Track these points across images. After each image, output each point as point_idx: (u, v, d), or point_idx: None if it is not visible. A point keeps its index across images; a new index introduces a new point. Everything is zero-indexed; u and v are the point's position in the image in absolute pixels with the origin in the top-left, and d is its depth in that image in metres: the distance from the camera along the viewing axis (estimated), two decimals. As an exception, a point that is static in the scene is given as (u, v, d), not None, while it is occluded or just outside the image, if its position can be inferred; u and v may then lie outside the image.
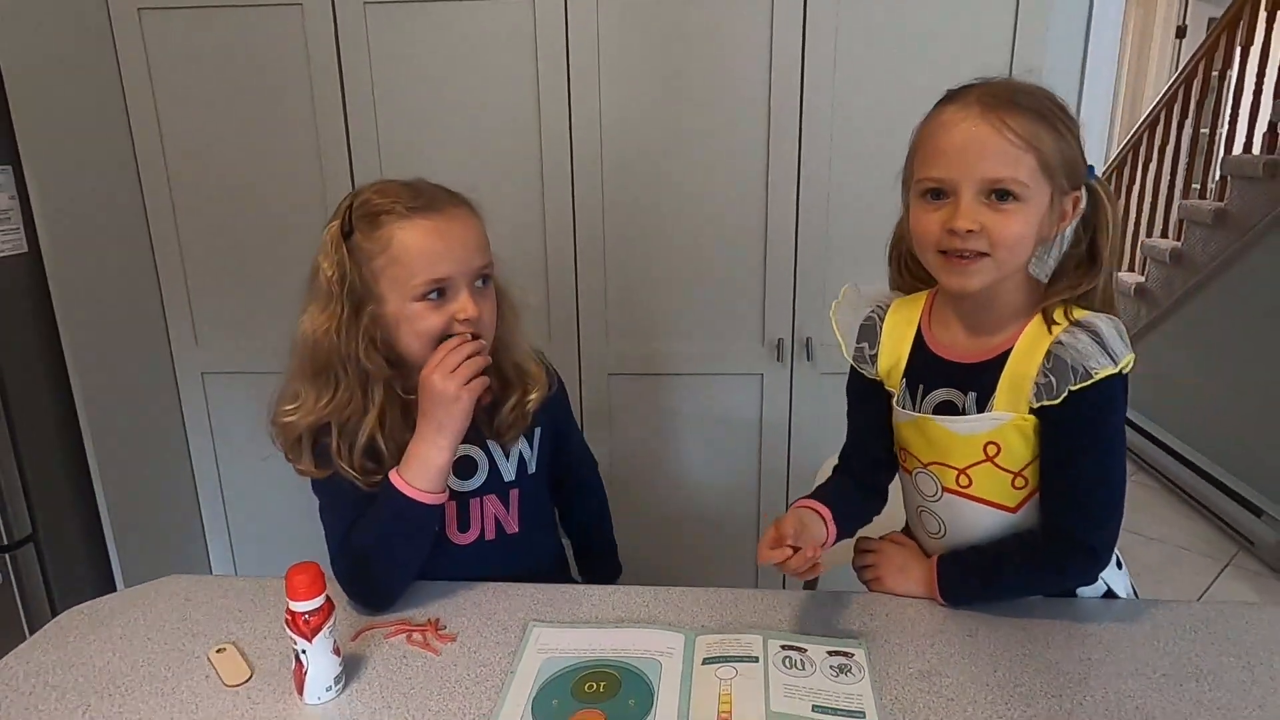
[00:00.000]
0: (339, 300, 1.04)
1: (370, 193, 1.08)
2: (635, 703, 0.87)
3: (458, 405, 1.03)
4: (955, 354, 1.04)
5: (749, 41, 1.79)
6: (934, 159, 0.95)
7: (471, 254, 1.07)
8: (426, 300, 1.05)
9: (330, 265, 1.05)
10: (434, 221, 1.05)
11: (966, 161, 0.93)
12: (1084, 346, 0.94)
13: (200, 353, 2.07)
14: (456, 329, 1.06)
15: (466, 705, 0.88)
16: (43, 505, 1.73)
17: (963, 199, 0.93)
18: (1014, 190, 0.92)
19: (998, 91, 0.93)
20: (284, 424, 1.08)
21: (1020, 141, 0.91)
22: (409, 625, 1.01)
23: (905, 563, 1.11)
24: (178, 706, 0.88)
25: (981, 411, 1.00)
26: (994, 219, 0.92)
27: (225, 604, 1.07)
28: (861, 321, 1.12)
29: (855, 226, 1.88)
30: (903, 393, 1.08)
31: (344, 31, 1.82)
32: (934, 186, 0.95)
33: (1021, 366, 0.98)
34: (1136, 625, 0.97)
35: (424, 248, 1.04)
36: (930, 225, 0.96)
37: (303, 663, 0.87)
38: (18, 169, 1.65)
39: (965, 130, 0.93)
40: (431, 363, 1.04)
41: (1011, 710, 0.86)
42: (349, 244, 1.05)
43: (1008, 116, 0.91)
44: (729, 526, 2.10)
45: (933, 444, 1.05)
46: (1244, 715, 0.85)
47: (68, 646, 0.99)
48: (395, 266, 1.04)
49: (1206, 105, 3.80)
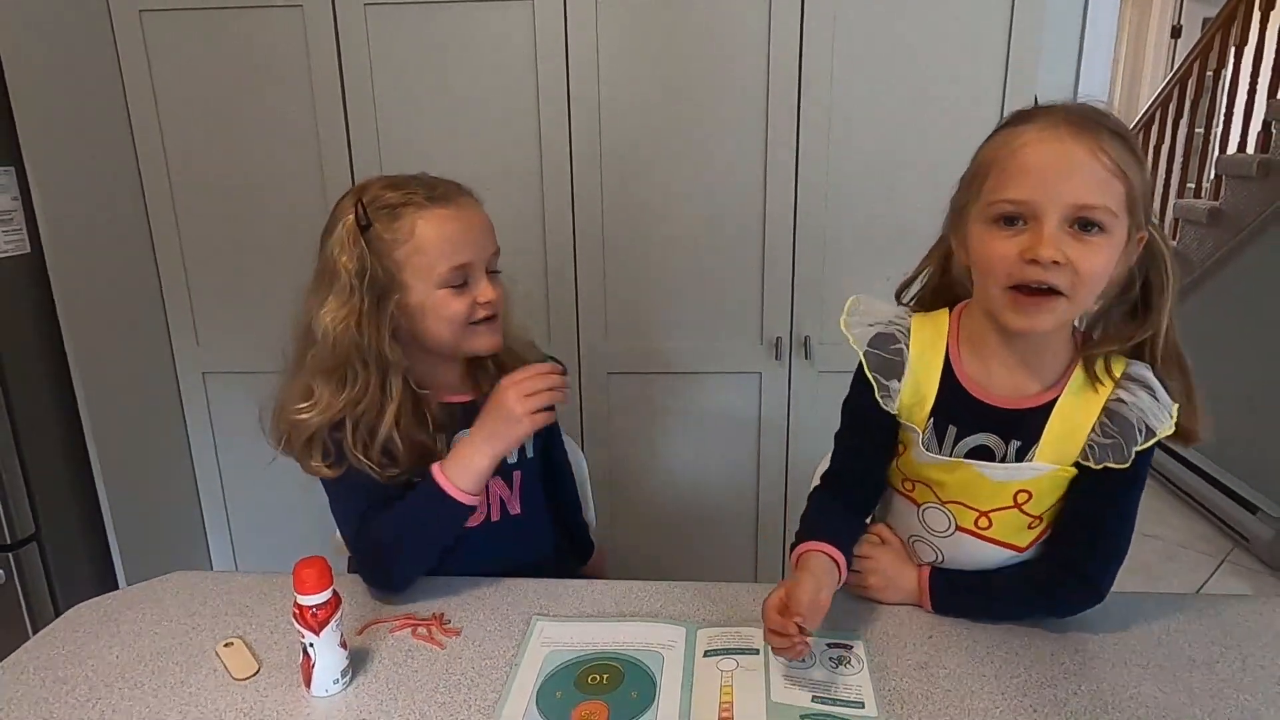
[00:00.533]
0: (359, 293, 1.05)
1: (380, 187, 1.09)
2: (638, 694, 0.88)
3: (519, 426, 1.07)
4: (993, 396, 0.97)
5: (747, 42, 1.80)
6: (1014, 179, 0.86)
7: (486, 240, 1.12)
8: (450, 287, 1.08)
9: (350, 259, 1.05)
10: (451, 211, 1.08)
11: (1054, 183, 0.84)
12: (1145, 403, 0.91)
13: (201, 352, 2.08)
14: (479, 313, 1.10)
15: (471, 697, 0.89)
16: (45, 504, 1.73)
17: (1046, 225, 0.84)
18: (1101, 220, 0.84)
19: (1086, 113, 0.86)
20: (296, 422, 1.08)
21: (1113, 166, 0.83)
22: (414, 620, 1.03)
23: (892, 572, 1.06)
24: (187, 699, 0.89)
25: (1021, 460, 0.95)
26: (1079, 251, 0.84)
27: (231, 599, 1.08)
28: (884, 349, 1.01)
29: (853, 226, 1.90)
30: (929, 434, 1.00)
31: (344, 33, 1.83)
32: (1012, 211, 0.86)
33: (1071, 420, 0.93)
34: (1131, 617, 0.98)
35: (446, 236, 1.07)
36: (1004, 254, 0.86)
37: (310, 656, 0.88)
38: (20, 170, 1.66)
39: (1054, 150, 0.84)
40: (515, 377, 1.08)
41: (1008, 700, 0.87)
42: (367, 237, 1.06)
43: (1101, 139, 0.84)
44: (728, 524, 2.12)
45: (958, 485, 0.99)
46: (1237, 704, 0.87)
47: (77, 641, 1.00)
48: (419, 255, 1.06)
49: (1201, 105, 3.82)
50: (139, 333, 2.00)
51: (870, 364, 1.00)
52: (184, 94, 1.90)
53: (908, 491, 1.05)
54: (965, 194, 0.94)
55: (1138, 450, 0.91)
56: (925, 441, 0.99)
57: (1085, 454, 0.93)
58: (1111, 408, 0.92)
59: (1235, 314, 3.18)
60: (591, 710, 0.86)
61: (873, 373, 1.00)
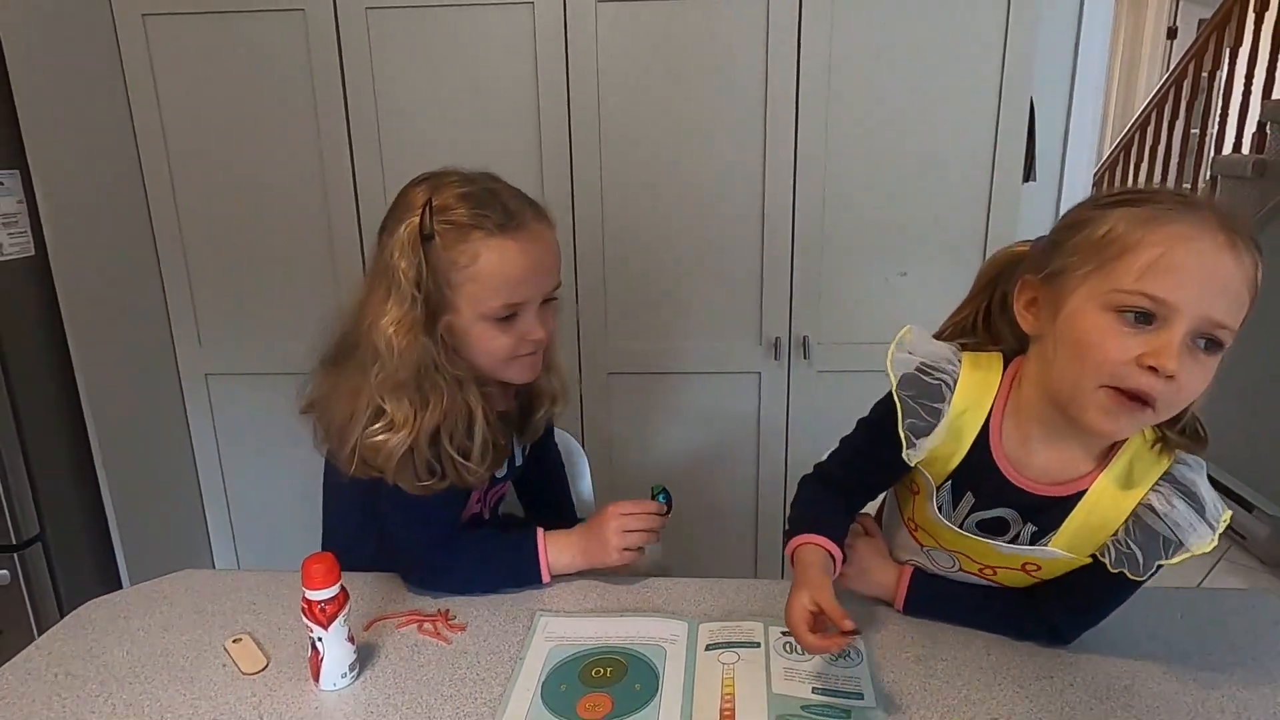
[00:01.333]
0: (419, 303, 1.01)
1: (455, 196, 1.03)
2: (641, 687, 0.89)
3: (606, 557, 1.09)
4: (1024, 479, 0.90)
5: (745, 43, 1.82)
6: (1163, 275, 0.75)
7: (549, 277, 1.07)
8: (499, 320, 1.04)
9: (409, 266, 1.00)
10: (521, 243, 1.02)
11: (1201, 293, 0.75)
12: (1179, 515, 0.84)
13: (204, 355, 2.09)
14: (522, 349, 1.06)
15: (477, 691, 0.90)
16: (50, 506, 1.74)
17: (1176, 334, 0.75)
18: (1224, 341, 0.77)
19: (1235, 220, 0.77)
20: (375, 445, 1.01)
21: (1254, 287, 0.77)
22: (420, 615, 1.04)
23: (870, 563, 1.05)
24: (197, 694, 0.91)
25: (1035, 544, 0.91)
26: (1191, 368, 0.76)
27: (239, 596, 1.09)
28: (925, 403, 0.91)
29: (851, 226, 1.92)
30: (946, 494, 0.95)
31: (346, 36, 1.85)
32: (1148, 309, 0.76)
33: (1096, 517, 0.88)
34: (1125, 610, 0.99)
35: (508, 272, 1.02)
36: (1120, 352, 0.77)
37: (319, 650, 0.90)
38: (25, 173, 1.67)
39: (1212, 258, 0.75)
40: (624, 509, 1.10)
41: (1004, 691, 0.89)
42: (427, 248, 1.01)
43: (1247, 252, 0.76)
44: (728, 523, 2.13)
45: (965, 545, 0.96)
46: (1229, 695, 0.88)
47: (87, 638, 1.01)
48: (474, 284, 1.02)
49: (1197, 106, 3.84)
50: (142, 334, 2.01)
51: (905, 415, 0.91)
52: (187, 97, 1.91)
53: (912, 530, 1.02)
54: (1075, 260, 0.81)
55: (1162, 565, 0.85)
56: (939, 502, 0.95)
57: (1104, 553, 0.88)
58: (1140, 514, 0.86)
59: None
60: (596, 702, 0.87)
61: (905, 431, 0.91)
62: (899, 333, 0.96)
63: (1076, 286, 0.81)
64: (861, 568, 1.05)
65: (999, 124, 1.85)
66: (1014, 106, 1.84)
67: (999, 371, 0.93)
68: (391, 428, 1.01)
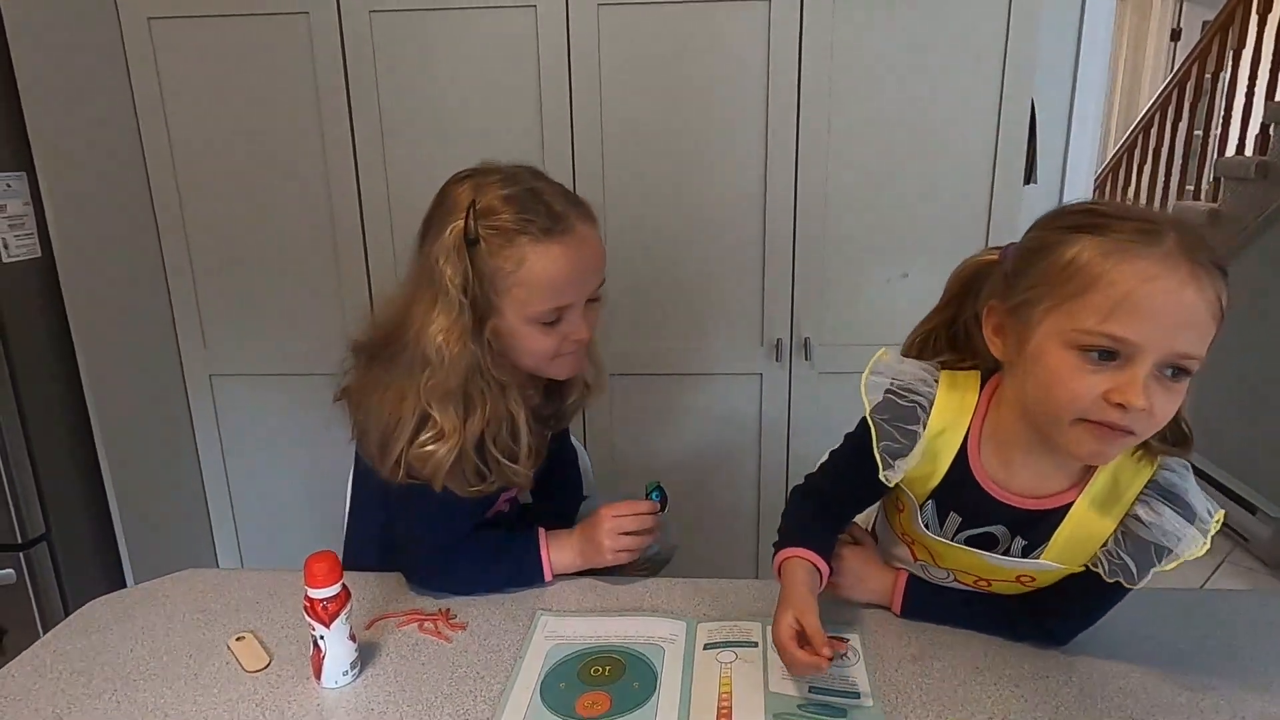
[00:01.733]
0: (466, 309, 1.01)
1: (498, 199, 1.02)
2: (639, 685, 0.90)
3: (600, 559, 1.11)
4: (1008, 494, 0.91)
5: (747, 45, 1.83)
6: (1125, 316, 0.75)
7: (595, 276, 1.07)
8: (544, 324, 1.04)
9: (455, 272, 1.00)
10: (566, 246, 1.02)
11: (1166, 332, 0.75)
12: (1167, 522, 0.84)
13: (208, 355, 2.11)
14: (567, 347, 1.06)
15: (477, 689, 0.91)
16: (55, 505, 1.76)
17: (1141, 370, 0.76)
18: (1191, 369, 0.77)
19: (1201, 248, 0.76)
20: (423, 455, 1.01)
21: (1219, 313, 0.77)
22: (421, 614, 1.05)
23: (863, 571, 1.06)
24: (200, 691, 0.92)
25: (1026, 556, 0.92)
26: (1161, 399, 0.77)
27: (242, 595, 1.10)
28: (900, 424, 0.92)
29: (852, 227, 1.92)
30: (930, 513, 0.96)
31: (349, 39, 1.86)
32: (1111, 348, 0.76)
33: (1085, 528, 0.88)
34: (1122, 611, 0.99)
35: (554, 276, 1.01)
36: (1088, 390, 0.77)
37: (320, 648, 0.91)
38: (31, 176, 1.68)
39: (1175, 297, 0.75)
40: (616, 512, 1.11)
41: (1000, 690, 0.90)
42: (472, 253, 1.01)
43: (1215, 282, 0.76)
44: (729, 524, 2.14)
45: (956, 558, 0.96)
46: (1225, 695, 0.89)
47: (92, 636, 1.02)
48: (520, 289, 1.01)
49: (1200, 107, 3.84)
50: (147, 335, 2.02)
51: (880, 438, 0.92)
52: (191, 100, 1.93)
53: (907, 543, 1.02)
54: (1037, 293, 0.81)
55: (1157, 572, 0.85)
56: (925, 519, 0.96)
57: (1096, 563, 0.88)
58: (1128, 525, 0.87)
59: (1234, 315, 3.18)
60: (595, 700, 0.88)
61: (881, 452, 0.92)
62: (874, 356, 0.96)
63: (1040, 320, 0.81)
64: (856, 576, 1.05)
65: (1000, 126, 1.85)
66: (1015, 108, 1.84)
67: (976, 391, 0.93)
68: (441, 437, 1.01)
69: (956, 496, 0.94)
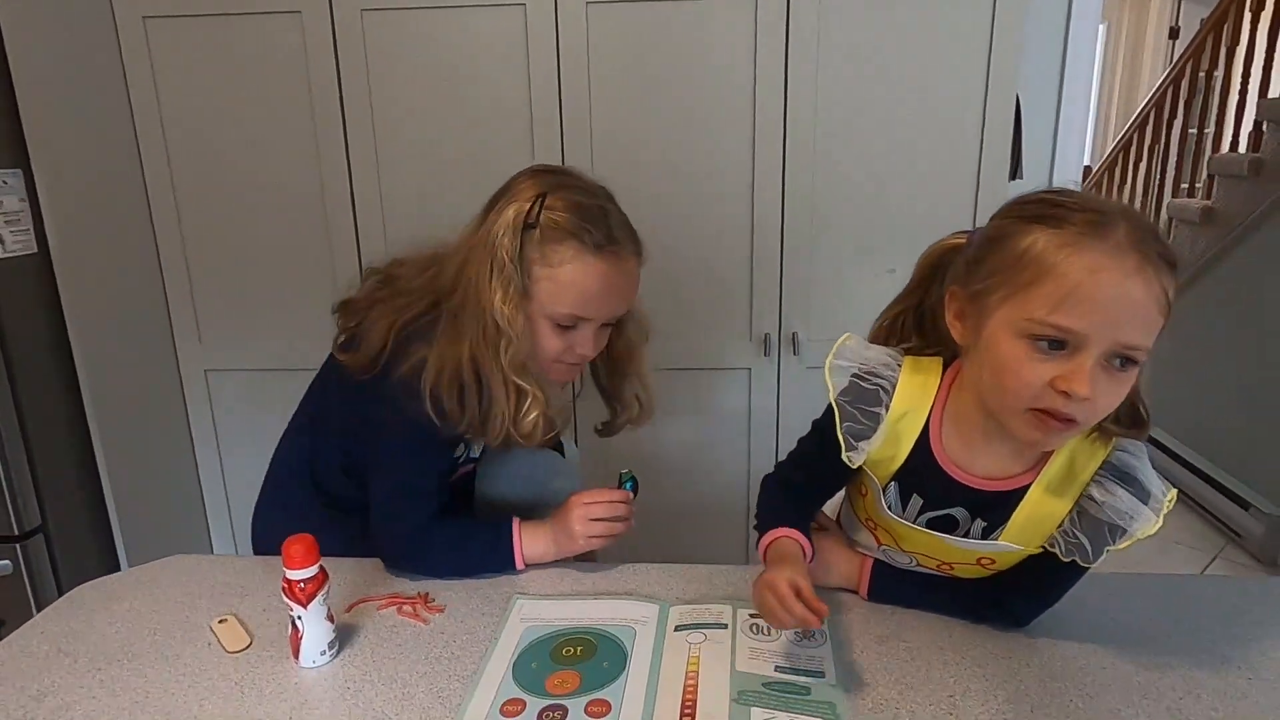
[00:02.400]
0: (519, 283, 1.07)
1: (567, 198, 1.09)
2: (609, 664, 0.92)
3: (574, 545, 1.14)
4: (969, 476, 0.93)
5: (734, 43, 1.85)
6: (1072, 307, 0.77)
7: (618, 304, 1.14)
8: (558, 326, 1.11)
9: (511, 245, 1.07)
10: (607, 266, 1.09)
11: (1111, 323, 0.77)
12: (1121, 503, 0.86)
13: (204, 351, 2.13)
14: (567, 358, 1.13)
15: (452, 669, 0.93)
16: (52, 498, 1.78)
17: (1088, 360, 0.78)
18: (1138, 359, 0.80)
19: (1149, 241, 0.78)
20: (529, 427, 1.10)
21: (1165, 306, 0.78)
22: (400, 598, 1.07)
23: (830, 556, 1.08)
24: (182, 671, 0.94)
25: (986, 538, 0.94)
26: (1107, 386, 0.79)
27: (226, 580, 1.13)
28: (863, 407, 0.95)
29: (839, 224, 1.94)
30: (893, 495, 0.98)
31: (341, 37, 1.88)
32: (1058, 338, 0.79)
33: (1041, 509, 0.90)
34: (1086, 594, 1.01)
35: (585, 288, 1.08)
36: (1034, 378, 0.80)
37: (298, 628, 0.93)
38: (27, 172, 1.71)
39: (1120, 288, 0.77)
40: (587, 499, 1.14)
41: (962, 670, 0.91)
42: (525, 235, 1.07)
43: (1162, 276, 0.78)
44: (719, 517, 2.16)
45: (919, 541, 0.98)
46: (1182, 674, 0.91)
47: (78, 619, 1.05)
48: (552, 284, 1.08)
49: (1195, 105, 3.85)
50: (143, 331, 2.05)
51: (843, 419, 0.95)
52: (187, 97, 1.95)
53: (870, 529, 1.05)
54: (994, 282, 0.83)
55: (1111, 550, 0.87)
56: (888, 501, 0.98)
57: (1053, 543, 0.90)
58: (1083, 505, 0.88)
59: (1227, 312, 3.21)
60: (564, 679, 0.90)
61: (844, 433, 0.95)
62: (838, 341, 0.99)
63: (995, 309, 0.83)
64: (824, 561, 1.07)
65: (985, 121, 1.87)
66: (1000, 103, 1.86)
67: (939, 375, 0.95)
68: (536, 405, 1.09)
69: (918, 479, 0.96)
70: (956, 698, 0.87)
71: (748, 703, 0.85)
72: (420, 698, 0.89)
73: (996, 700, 0.86)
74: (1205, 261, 3.34)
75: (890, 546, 1.03)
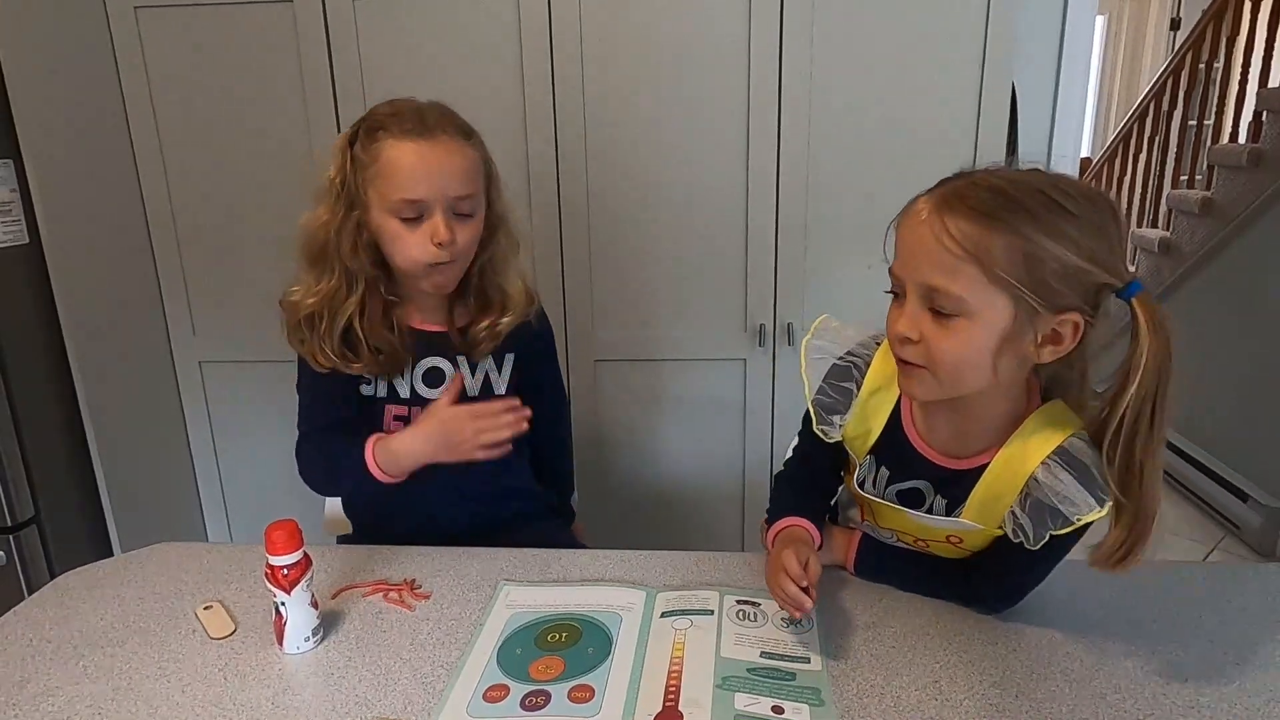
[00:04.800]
0: (339, 200, 1.14)
1: (383, 107, 1.15)
2: (594, 650, 0.92)
3: (461, 451, 1.13)
4: (933, 452, 0.96)
5: (728, 31, 1.84)
6: (896, 253, 0.86)
7: (451, 181, 1.12)
8: (403, 220, 1.12)
9: (335, 168, 1.14)
10: (421, 145, 1.10)
11: (910, 262, 0.84)
12: (1065, 487, 0.85)
13: (198, 342, 2.13)
14: (431, 253, 1.12)
15: (436, 655, 0.93)
16: (45, 489, 1.78)
17: (908, 302, 0.84)
18: (950, 307, 0.81)
19: (960, 186, 0.82)
20: (288, 303, 1.20)
21: (956, 248, 0.79)
22: (386, 585, 1.07)
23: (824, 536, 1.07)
24: (167, 657, 0.94)
25: (949, 515, 0.95)
26: (934, 331, 0.83)
27: (212, 567, 1.13)
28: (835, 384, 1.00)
29: (834, 213, 1.93)
30: (868, 470, 1.01)
31: (333, 26, 1.88)
32: (892, 288, 0.87)
33: (995, 489, 0.91)
34: (1074, 582, 1.01)
35: (405, 167, 1.10)
36: (890, 326, 0.88)
37: (282, 614, 0.92)
38: (18, 162, 1.70)
39: (913, 228, 0.83)
40: (478, 411, 1.13)
41: (947, 656, 0.91)
42: (352, 151, 1.13)
43: (949, 217, 0.80)
44: (714, 507, 2.15)
45: (891, 517, 1.01)
46: (1169, 660, 0.90)
47: (64, 606, 1.05)
48: (380, 180, 1.11)
49: (1194, 96, 3.83)
50: (136, 322, 2.05)
51: (813, 393, 1.00)
52: (178, 88, 1.95)
53: (859, 503, 1.08)
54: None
55: (1054, 534, 0.87)
56: (861, 476, 1.01)
57: (1003, 524, 0.91)
58: (1029, 486, 0.88)
59: (1227, 303, 3.20)
60: (548, 664, 0.90)
61: (816, 408, 1.00)
62: (815, 322, 1.04)
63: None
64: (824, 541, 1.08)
65: (981, 108, 1.86)
66: (995, 91, 1.85)
67: None
68: (298, 291, 1.19)
69: (890, 453, 0.99)
70: (942, 683, 0.87)
71: (732, 688, 0.85)
72: (404, 684, 0.88)
73: (982, 685, 0.86)
74: (1204, 253, 3.33)
75: (871, 522, 1.05)
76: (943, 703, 0.84)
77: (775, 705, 0.82)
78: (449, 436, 1.13)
